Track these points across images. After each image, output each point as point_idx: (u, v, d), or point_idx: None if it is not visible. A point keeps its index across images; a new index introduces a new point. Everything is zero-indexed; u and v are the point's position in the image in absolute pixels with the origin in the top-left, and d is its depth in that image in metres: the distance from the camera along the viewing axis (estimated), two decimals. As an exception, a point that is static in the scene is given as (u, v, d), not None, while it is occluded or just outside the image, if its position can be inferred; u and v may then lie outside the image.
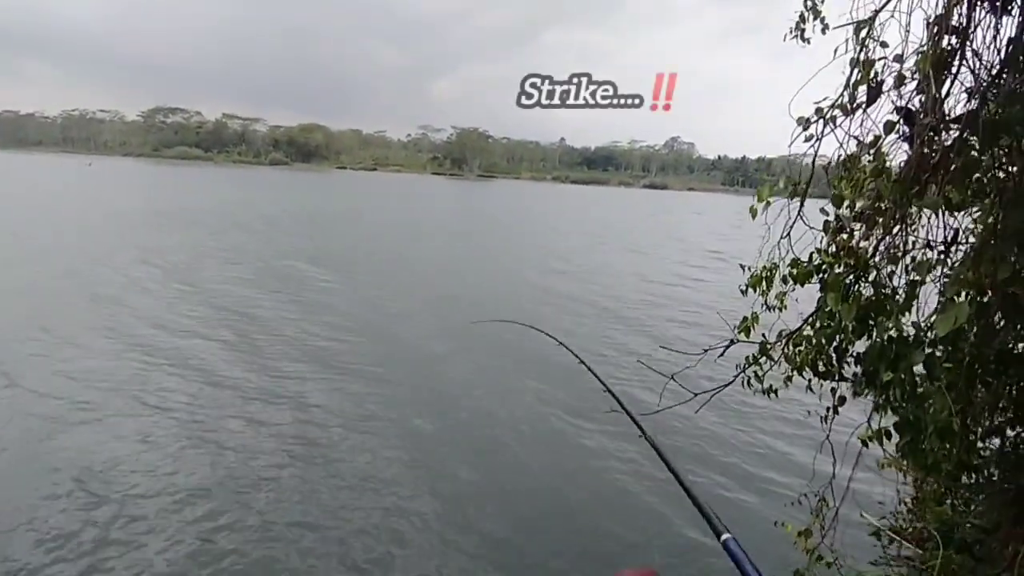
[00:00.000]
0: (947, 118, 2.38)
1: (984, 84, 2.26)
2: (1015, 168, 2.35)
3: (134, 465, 5.27)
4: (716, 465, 5.61)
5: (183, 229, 20.65)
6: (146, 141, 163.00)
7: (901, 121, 2.54)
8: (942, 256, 2.57)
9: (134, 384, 7.04)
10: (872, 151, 2.64)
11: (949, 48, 2.30)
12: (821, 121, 2.71)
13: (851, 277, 2.68)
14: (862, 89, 2.68)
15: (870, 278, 2.67)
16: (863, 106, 2.70)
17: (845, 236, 2.69)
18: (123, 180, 53.99)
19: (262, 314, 10.26)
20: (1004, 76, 2.28)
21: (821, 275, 2.79)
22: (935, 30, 2.31)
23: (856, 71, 2.69)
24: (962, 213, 2.57)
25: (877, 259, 2.67)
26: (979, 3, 2.25)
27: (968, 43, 2.28)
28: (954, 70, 2.33)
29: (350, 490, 5.16)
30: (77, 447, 5.50)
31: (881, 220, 2.64)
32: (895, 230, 2.66)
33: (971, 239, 2.63)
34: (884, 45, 2.56)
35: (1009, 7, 2.21)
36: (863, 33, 2.60)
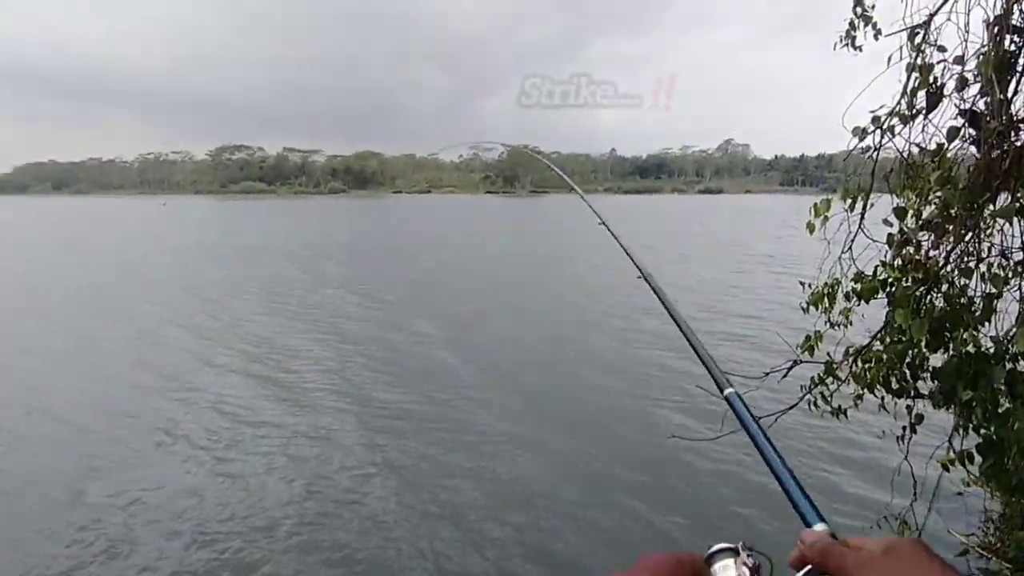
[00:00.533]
0: (1015, 120, 2.25)
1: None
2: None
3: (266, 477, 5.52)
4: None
5: (282, 262, 21.69)
6: (214, 178, 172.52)
7: (966, 125, 2.43)
8: (1020, 267, 2.41)
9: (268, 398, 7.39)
10: (937, 158, 2.52)
11: (1012, 48, 2.19)
12: (879, 131, 2.60)
13: (921, 290, 2.55)
14: (921, 94, 2.58)
15: (942, 290, 2.54)
16: (923, 112, 2.59)
17: (911, 249, 2.56)
18: (193, 217, 57.19)
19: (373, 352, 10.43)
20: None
21: (888, 290, 2.67)
22: (995, 31, 2.19)
23: (914, 76, 2.58)
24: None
25: (948, 271, 2.53)
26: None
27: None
28: (1019, 70, 2.21)
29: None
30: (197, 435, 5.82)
31: (951, 230, 2.51)
32: (967, 239, 2.52)
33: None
34: (942, 49, 2.45)
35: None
36: (918, 38, 2.50)
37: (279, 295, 14.98)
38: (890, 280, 2.64)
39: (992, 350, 2.37)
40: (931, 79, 2.51)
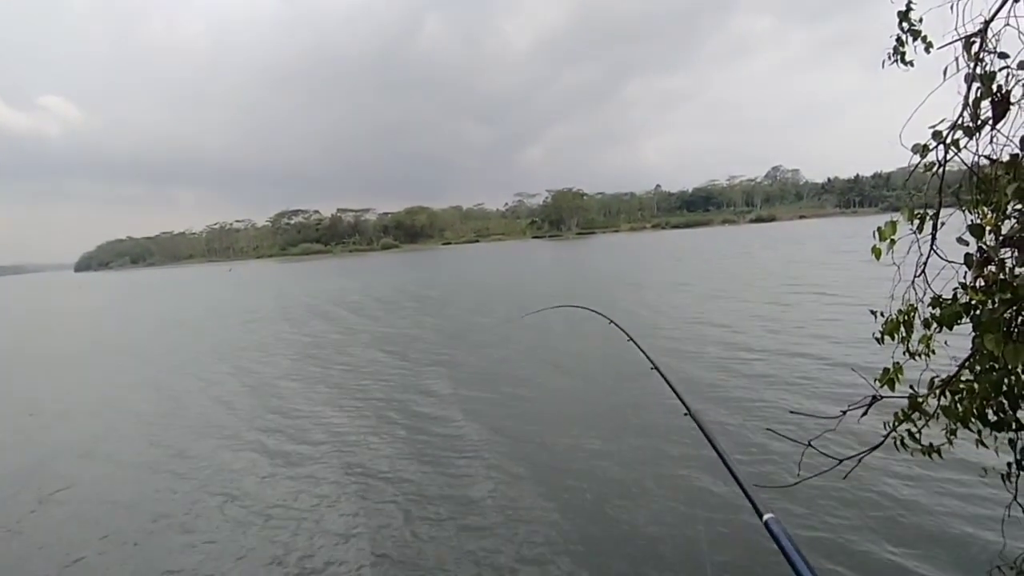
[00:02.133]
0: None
1: None
2: None
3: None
4: (884, 540, 4.78)
5: (335, 318, 22.41)
6: (274, 243, 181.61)
7: (1040, 132, 2.25)
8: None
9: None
10: (1011, 170, 2.34)
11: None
12: (941, 147, 2.45)
13: (1011, 312, 2.33)
14: (985, 104, 2.42)
15: (1035, 311, 2.31)
16: (990, 122, 2.43)
17: (994, 268, 2.36)
18: (258, 280, 59.88)
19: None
20: None
21: (973, 314, 2.45)
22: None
23: (975, 86, 2.44)
24: None
25: (1040, 289, 2.31)
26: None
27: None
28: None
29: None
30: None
31: (1037, 244, 2.30)
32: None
33: None
34: (1004, 56, 2.31)
35: None
36: (975, 47, 2.37)
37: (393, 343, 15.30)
38: (974, 303, 2.43)
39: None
40: (995, 88, 2.37)
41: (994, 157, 2.45)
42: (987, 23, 2.31)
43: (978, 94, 2.38)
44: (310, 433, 8.67)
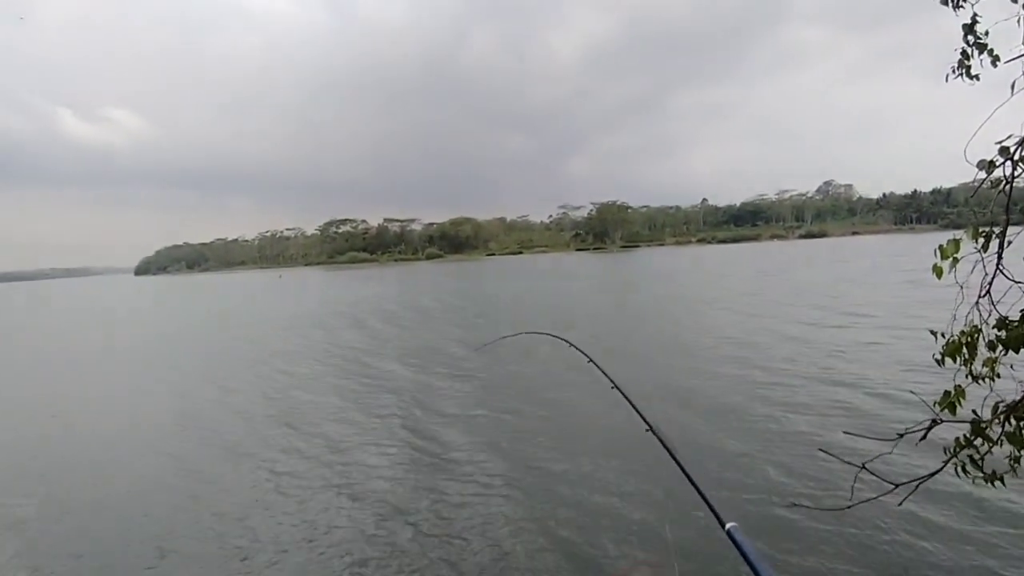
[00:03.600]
0: None
1: None
2: None
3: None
4: (942, 571, 4.55)
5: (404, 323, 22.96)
6: (322, 251, 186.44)
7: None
8: None
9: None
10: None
11: None
12: (1009, 163, 2.37)
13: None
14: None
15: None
16: (1062, 137, 2.33)
17: (1066, 288, 2.26)
18: (307, 286, 61.62)
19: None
20: None
21: (1042, 335, 2.34)
22: None
23: (1045, 100, 2.35)
24: None
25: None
26: None
27: None
28: None
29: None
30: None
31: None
32: None
33: None
34: (1076, 70, 2.23)
35: None
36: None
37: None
38: (1043, 325, 2.33)
39: None
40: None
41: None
42: (1059, 36, 2.23)
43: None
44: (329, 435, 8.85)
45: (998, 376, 2.55)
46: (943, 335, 2.62)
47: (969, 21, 2.65)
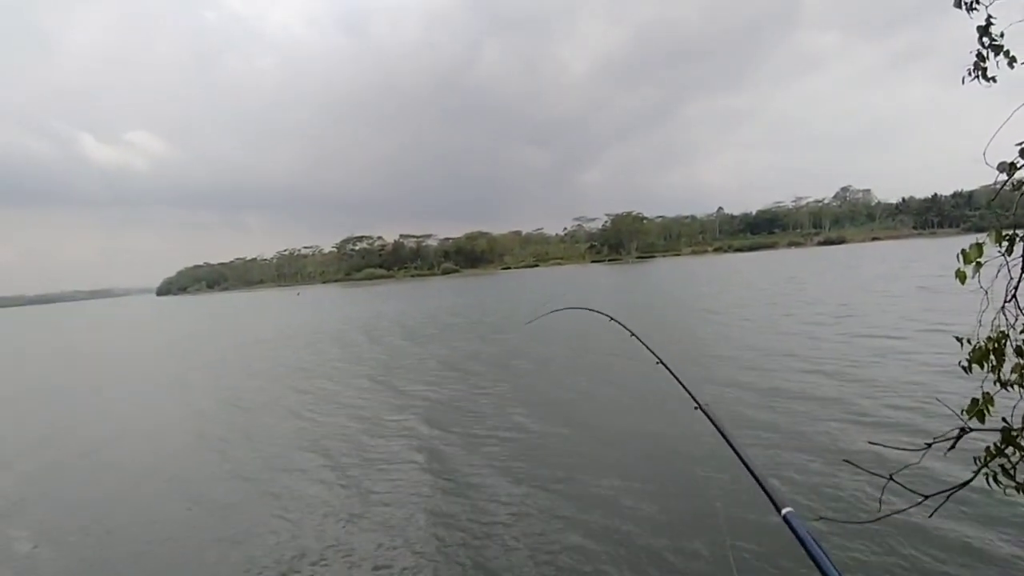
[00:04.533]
0: None
1: None
2: None
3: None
4: None
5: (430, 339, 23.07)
6: (339, 268, 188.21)
7: None
8: None
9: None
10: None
11: None
12: (1030, 164, 2.32)
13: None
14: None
15: None
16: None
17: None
18: (326, 304, 62.09)
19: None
20: None
21: (1072, 341, 2.28)
22: None
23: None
24: None
25: None
26: None
27: None
28: None
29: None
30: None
31: None
32: None
33: None
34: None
35: None
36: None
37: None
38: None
39: None
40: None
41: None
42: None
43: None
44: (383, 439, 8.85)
45: (1028, 382, 2.49)
46: (969, 341, 2.56)
47: (984, 23, 2.62)
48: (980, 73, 2.68)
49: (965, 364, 2.58)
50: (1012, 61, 2.60)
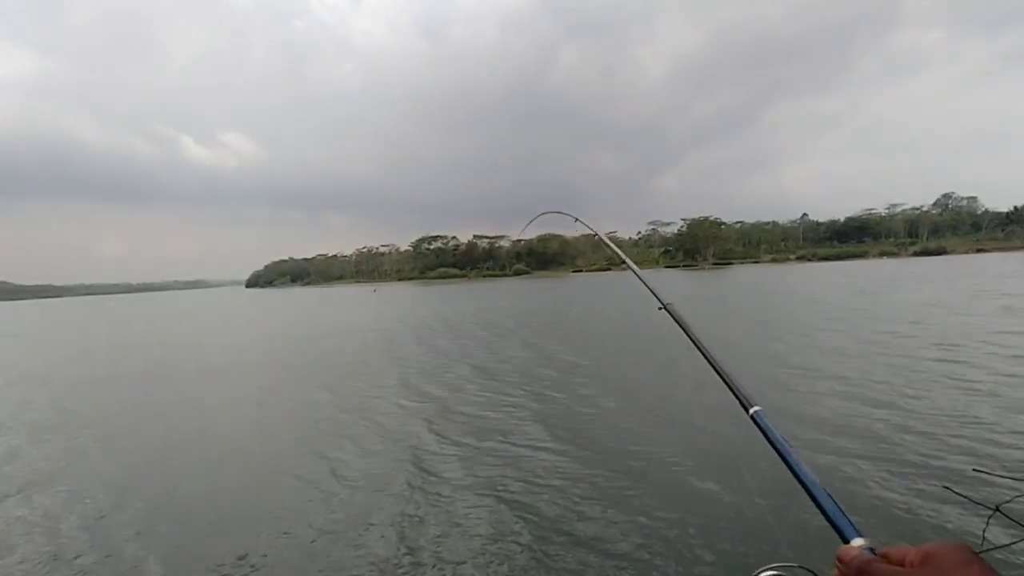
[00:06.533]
0: None
1: None
2: None
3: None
4: None
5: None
6: (415, 266, 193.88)
7: None
8: None
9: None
10: None
11: None
12: None
13: None
14: None
15: None
16: None
17: None
18: (402, 301, 64.11)
19: None
20: None
21: None
22: None
23: None
24: None
25: None
26: None
27: None
28: None
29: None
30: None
31: None
32: None
33: None
34: None
35: None
36: None
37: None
38: None
39: None
40: None
41: None
42: None
43: None
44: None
45: None
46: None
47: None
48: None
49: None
50: None
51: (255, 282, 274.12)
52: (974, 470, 5.75)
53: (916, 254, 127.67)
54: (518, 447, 9.28)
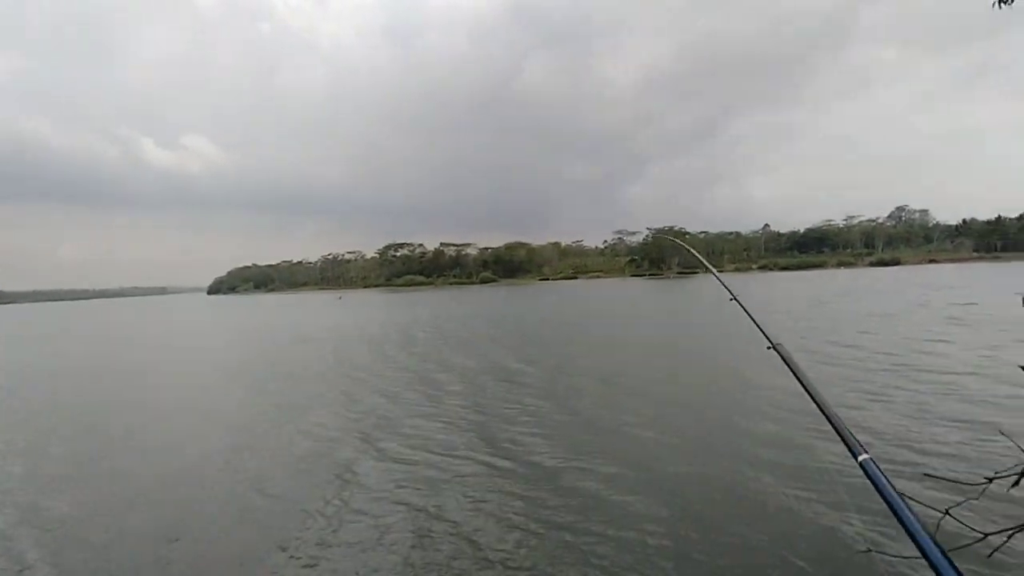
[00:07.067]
0: None
1: None
2: None
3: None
4: None
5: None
6: (381, 273, 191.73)
7: None
8: None
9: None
10: None
11: None
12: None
13: None
14: None
15: None
16: None
17: None
18: (367, 309, 63.20)
19: None
20: None
21: None
22: None
23: None
24: None
25: None
26: None
27: None
28: None
29: None
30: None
31: None
32: None
33: None
34: None
35: None
36: None
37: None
38: None
39: None
40: None
41: None
42: None
43: None
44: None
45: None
46: (1038, 369, 2.35)
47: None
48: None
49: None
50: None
51: (217, 288, 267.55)
52: (925, 475, 5.75)
53: (872, 264, 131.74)
54: (442, 455, 8.82)
